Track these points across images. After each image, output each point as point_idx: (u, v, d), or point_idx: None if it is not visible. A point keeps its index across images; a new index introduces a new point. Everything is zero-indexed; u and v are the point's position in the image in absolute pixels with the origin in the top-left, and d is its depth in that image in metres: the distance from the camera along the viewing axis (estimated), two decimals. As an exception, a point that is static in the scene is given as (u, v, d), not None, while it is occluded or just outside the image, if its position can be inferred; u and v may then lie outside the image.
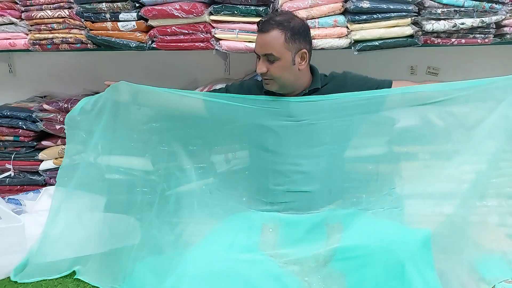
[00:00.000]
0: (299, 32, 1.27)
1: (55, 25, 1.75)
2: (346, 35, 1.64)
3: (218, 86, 1.75)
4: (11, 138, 1.87)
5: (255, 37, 1.62)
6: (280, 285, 1.14)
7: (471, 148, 1.31)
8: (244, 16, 1.61)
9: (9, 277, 1.39)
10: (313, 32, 1.52)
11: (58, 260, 1.45)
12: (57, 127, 1.84)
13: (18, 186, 1.91)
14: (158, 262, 1.29)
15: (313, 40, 1.48)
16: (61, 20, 1.73)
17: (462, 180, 1.31)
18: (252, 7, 1.59)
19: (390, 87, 1.35)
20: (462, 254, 1.27)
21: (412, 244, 1.14)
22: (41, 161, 1.90)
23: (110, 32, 1.71)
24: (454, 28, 1.55)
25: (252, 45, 1.66)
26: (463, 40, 1.60)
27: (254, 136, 1.38)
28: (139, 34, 1.71)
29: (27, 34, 1.80)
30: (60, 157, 1.87)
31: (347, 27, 1.62)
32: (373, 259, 1.13)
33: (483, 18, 1.54)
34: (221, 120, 1.41)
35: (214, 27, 1.67)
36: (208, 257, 1.16)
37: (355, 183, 1.45)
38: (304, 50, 1.29)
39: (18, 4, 1.74)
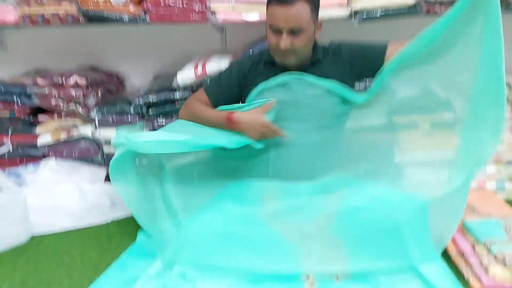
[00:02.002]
0: (318, 1, 1.26)
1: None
2: (347, 5, 1.60)
3: (213, 59, 1.73)
4: (7, 114, 1.86)
5: (252, 7, 1.61)
6: (280, 250, 1.16)
7: (471, 116, 1.31)
8: (239, -15, 1.58)
9: (11, 249, 1.40)
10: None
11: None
12: (53, 102, 1.82)
13: (18, 160, 1.90)
14: (159, 231, 1.30)
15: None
16: (50, -7, 1.69)
17: (462, 148, 1.31)
18: (248, -24, 1.55)
19: (384, 52, 1.33)
20: (458, 219, 1.29)
21: (410, 210, 1.15)
22: (39, 135, 1.88)
23: (102, 5, 1.67)
24: (457, -4, 1.52)
25: (249, 17, 1.63)
26: (467, 9, 1.57)
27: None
28: (132, 7, 1.66)
29: (17, 9, 1.75)
30: (57, 132, 1.85)
31: (348, -4, 1.58)
32: (371, 225, 1.14)
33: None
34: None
35: (209, -1, 1.63)
36: (208, 224, 1.18)
37: (355, 153, 1.46)
38: (320, 21, 1.28)
39: (6, -23, 1.70)
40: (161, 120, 1.75)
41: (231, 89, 1.41)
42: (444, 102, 1.36)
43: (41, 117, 1.87)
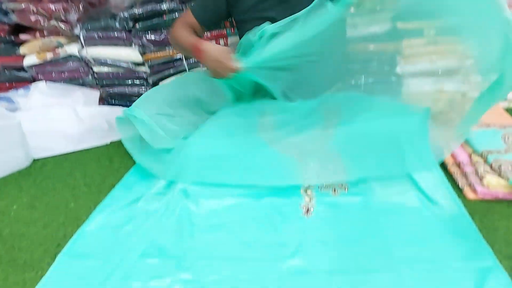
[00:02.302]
0: None
1: None
2: None
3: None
4: (-14, 34, 1.75)
5: None
6: (279, 166, 1.17)
7: (480, 21, 1.22)
8: None
9: (15, 173, 1.42)
10: None
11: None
12: (32, 18, 1.69)
13: (7, 84, 1.85)
14: (159, 151, 1.30)
15: None
16: None
17: (466, 56, 1.26)
18: None
19: None
20: (463, 134, 1.28)
21: (410, 122, 1.13)
22: (24, 56, 1.80)
23: None
24: None
25: None
26: None
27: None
28: None
29: None
30: (43, 51, 1.77)
31: None
32: (369, 138, 1.12)
33: None
34: None
35: None
36: (209, 142, 1.17)
37: (355, 65, 1.40)
38: None
39: None
40: (149, 36, 1.65)
41: (218, 6, 1.30)
42: (449, 5, 1.26)
43: (23, 36, 1.76)
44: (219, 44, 1.67)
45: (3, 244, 1.06)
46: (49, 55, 1.75)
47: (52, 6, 1.65)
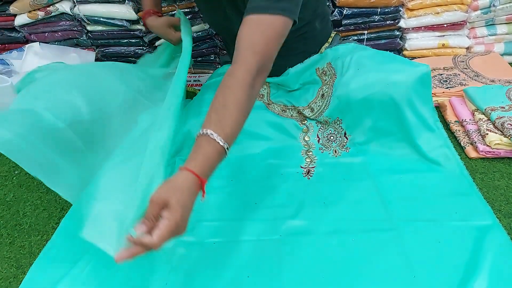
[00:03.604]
0: None
1: None
2: None
3: None
4: (-28, -8, 1.67)
5: None
6: (281, 129, 1.16)
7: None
8: None
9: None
10: None
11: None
12: (20, -25, 1.62)
13: (-1, 45, 1.80)
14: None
15: None
16: None
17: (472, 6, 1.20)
18: None
19: None
20: (462, 86, 1.25)
21: (409, 84, 1.04)
22: (15, 15, 1.73)
23: None
24: None
25: None
26: None
27: None
28: None
29: None
30: (33, 10, 1.70)
31: None
32: (367, 104, 1.06)
33: None
34: None
35: None
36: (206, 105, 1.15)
37: (355, 19, 1.34)
38: None
39: None
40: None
41: None
42: None
43: (10, -7, 1.69)
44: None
45: (8, 209, 1.07)
46: (40, 14, 1.68)
47: (39, -39, 1.57)
